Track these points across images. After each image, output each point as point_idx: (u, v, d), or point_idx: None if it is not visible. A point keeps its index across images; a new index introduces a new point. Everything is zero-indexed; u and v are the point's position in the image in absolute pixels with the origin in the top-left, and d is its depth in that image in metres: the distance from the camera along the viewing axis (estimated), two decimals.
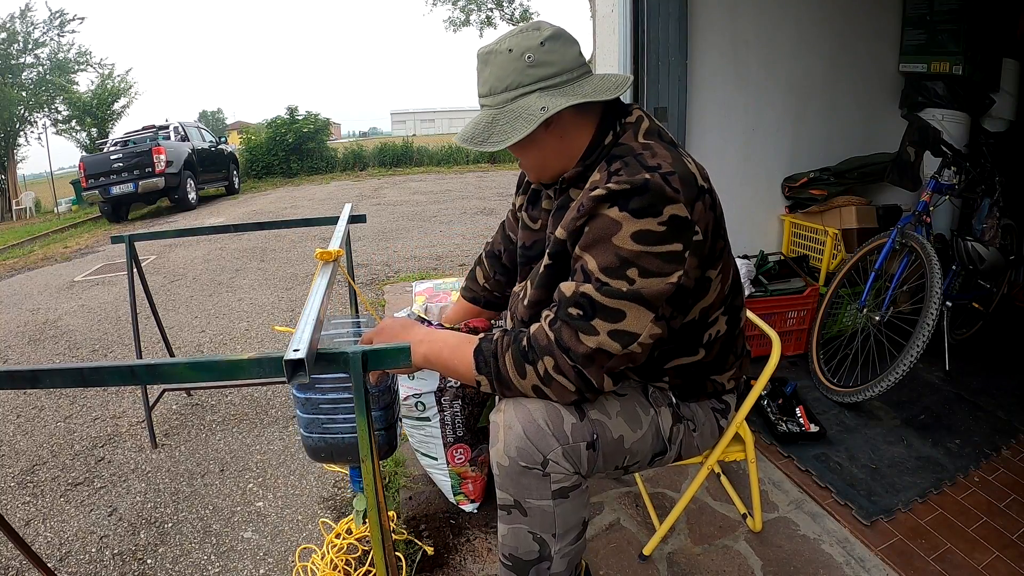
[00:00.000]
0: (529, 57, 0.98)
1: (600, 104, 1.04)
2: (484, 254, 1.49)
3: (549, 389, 0.96)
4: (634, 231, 0.91)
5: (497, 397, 1.05)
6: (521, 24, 1.05)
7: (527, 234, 1.22)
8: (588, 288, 0.92)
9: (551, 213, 1.12)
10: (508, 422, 0.99)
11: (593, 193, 0.94)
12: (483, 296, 1.48)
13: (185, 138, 10.59)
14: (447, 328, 1.57)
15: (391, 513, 1.66)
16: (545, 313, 0.99)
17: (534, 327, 0.98)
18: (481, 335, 1.03)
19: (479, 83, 1.04)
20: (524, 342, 0.97)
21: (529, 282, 1.13)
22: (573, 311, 0.94)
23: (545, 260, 1.05)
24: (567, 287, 0.96)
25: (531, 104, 0.99)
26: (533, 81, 0.99)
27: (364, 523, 1.36)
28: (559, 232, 1.01)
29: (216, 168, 11.25)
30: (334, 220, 1.82)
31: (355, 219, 2.01)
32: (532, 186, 1.23)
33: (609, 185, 0.93)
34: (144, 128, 10.81)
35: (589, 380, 0.94)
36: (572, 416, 0.99)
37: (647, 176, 0.91)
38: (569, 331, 0.93)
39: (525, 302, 1.12)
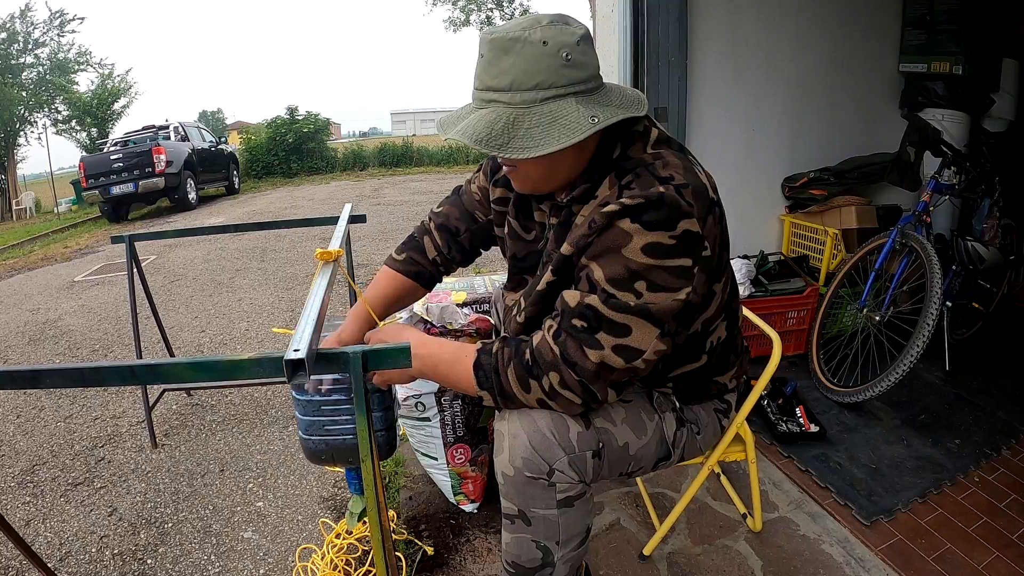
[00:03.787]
0: (567, 56, 0.86)
1: None
2: (435, 226, 1.30)
3: (555, 403, 0.95)
4: (645, 244, 0.86)
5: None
6: (539, 13, 0.91)
7: (519, 244, 1.15)
8: (593, 300, 0.89)
9: (551, 228, 1.05)
10: (513, 431, 0.97)
11: (606, 209, 0.88)
12: (429, 271, 1.29)
13: (185, 138, 10.59)
14: (435, 328, 1.57)
15: (391, 513, 1.66)
16: (548, 323, 0.95)
17: (536, 338, 0.95)
18: (479, 346, 0.99)
19: (491, 73, 0.88)
20: (527, 355, 0.94)
21: (523, 299, 1.06)
22: (577, 323, 0.90)
23: (547, 277, 0.99)
24: (571, 296, 0.92)
25: (569, 110, 0.87)
26: (568, 83, 0.88)
27: (359, 524, 1.36)
28: (565, 248, 0.95)
29: (216, 168, 11.25)
30: (334, 220, 1.82)
31: (355, 219, 2.00)
32: (499, 176, 1.15)
33: (623, 200, 0.87)
34: (144, 128, 10.80)
35: (594, 393, 0.93)
36: (578, 425, 0.98)
37: (661, 189, 0.87)
38: (574, 344, 0.90)
39: (520, 319, 1.06)
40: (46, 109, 16.61)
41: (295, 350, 0.78)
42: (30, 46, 16.02)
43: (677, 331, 0.94)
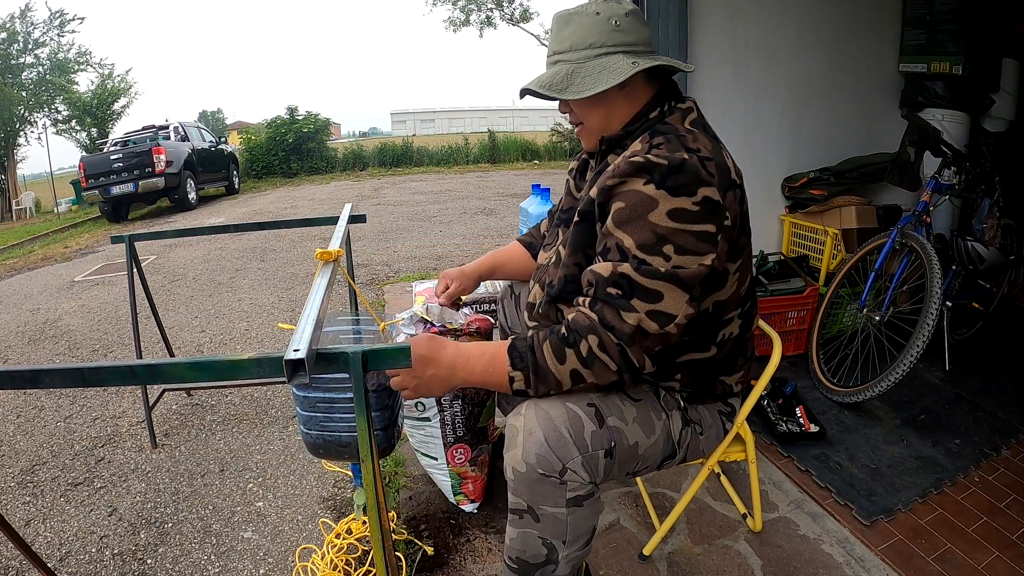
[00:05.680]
0: (616, 22, 1.04)
1: (658, 81, 1.11)
2: (549, 212, 1.53)
3: (590, 371, 0.96)
4: (670, 208, 0.94)
5: (506, 401, 1.04)
6: None
7: (568, 200, 1.27)
8: (626, 268, 0.94)
9: (591, 178, 1.14)
10: (529, 427, 0.97)
11: (632, 159, 0.97)
12: (539, 244, 1.48)
13: (185, 138, 10.59)
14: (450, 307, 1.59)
15: (391, 513, 1.66)
16: (580, 299, 1.00)
17: (571, 314, 0.99)
18: (512, 337, 1.02)
19: (556, 42, 1.09)
20: (563, 329, 0.98)
21: (561, 246, 1.14)
22: (612, 291, 0.95)
23: (575, 219, 1.08)
24: (603, 268, 0.97)
25: (618, 61, 1.03)
26: (617, 43, 1.04)
27: (359, 522, 1.36)
28: (592, 191, 1.04)
29: (216, 168, 11.25)
30: (334, 220, 1.82)
31: (355, 219, 2.01)
32: (582, 155, 1.29)
33: (648, 156, 0.96)
34: (144, 128, 10.81)
35: (631, 360, 0.95)
36: (592, 423, 0.99)
37: (685, 156, 0.95)
38: (611, 310, 0.95)
39: (557, 264, 1.14)
40: (46, 109, 16.59)
41: (295, 350, 0.78)
42: (30, 46, 16.00)
43: (701, 296, 1.00)
